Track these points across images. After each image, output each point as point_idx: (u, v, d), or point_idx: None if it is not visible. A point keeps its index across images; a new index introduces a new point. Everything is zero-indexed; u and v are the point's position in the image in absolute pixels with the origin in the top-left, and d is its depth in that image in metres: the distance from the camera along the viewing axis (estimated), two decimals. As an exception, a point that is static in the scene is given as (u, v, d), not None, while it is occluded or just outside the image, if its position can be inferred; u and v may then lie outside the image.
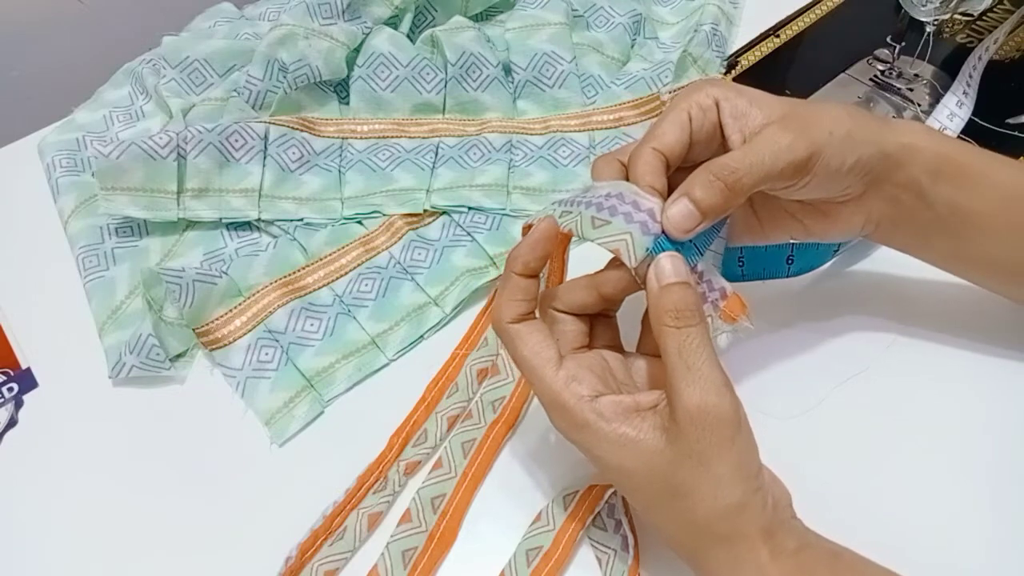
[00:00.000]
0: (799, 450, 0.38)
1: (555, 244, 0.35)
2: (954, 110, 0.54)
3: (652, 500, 0.32)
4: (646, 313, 0.34)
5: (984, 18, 0.62)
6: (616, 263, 0.34)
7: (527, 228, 0.36)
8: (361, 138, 0.54)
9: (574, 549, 0.37)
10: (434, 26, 0.58)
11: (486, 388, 0.42)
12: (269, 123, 0.52)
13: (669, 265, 0.32)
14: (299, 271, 0.48)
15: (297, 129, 0.53)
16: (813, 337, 0.44)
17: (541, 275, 0.35)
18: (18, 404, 0.45)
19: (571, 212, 0.34)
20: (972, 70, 0.56)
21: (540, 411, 0.34)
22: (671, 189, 0.34)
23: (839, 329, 0.44)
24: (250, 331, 0.45)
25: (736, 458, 0.30)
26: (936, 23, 0.52)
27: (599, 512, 0.37)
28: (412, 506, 0.39)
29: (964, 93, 0.55)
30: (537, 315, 0.35)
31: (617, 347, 0.37)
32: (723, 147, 0.35)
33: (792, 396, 0.42)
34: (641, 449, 0.31)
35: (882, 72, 0.58)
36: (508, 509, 0.39)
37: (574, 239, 0.36)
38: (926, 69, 0.58)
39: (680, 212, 0.32)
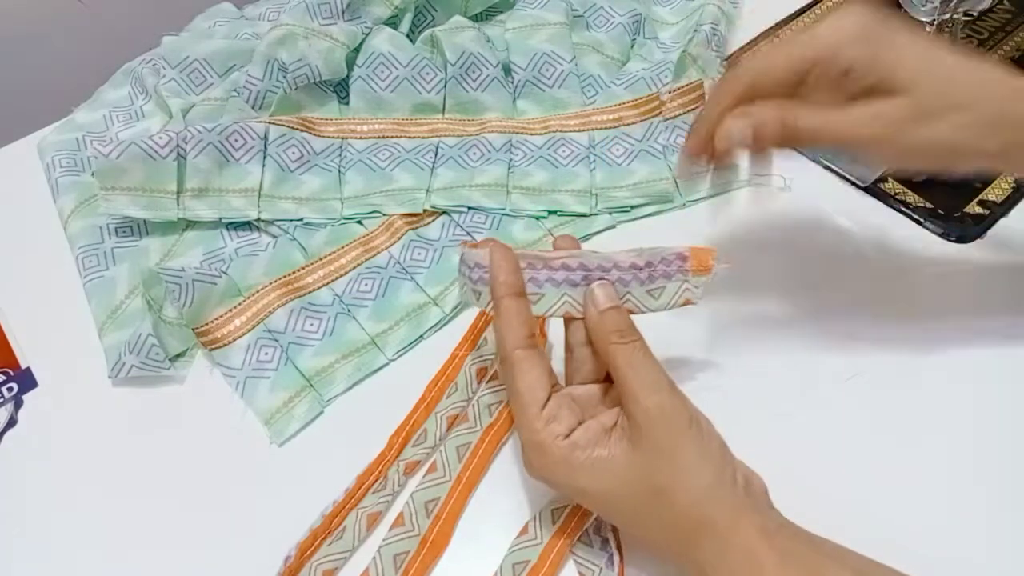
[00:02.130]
0: (798, 449, 0.38)
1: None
2: None
3: (635, 510, 0.33)
4: (568, 346, 0.37)
5: (984, 18, 0.62)
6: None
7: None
8: (361, 138, 0.54)
9: (561, 563, 0.37)
10: (434, 26, 0.58)
11: (483, 392, 0.42)
12: (269, 123, 0.52)
13: (602, 293, 0.35)
14: (299, 271, 0.48)
15: (297, 129, 0.53)
16: (812, 337, 0.44)
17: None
18: (18, 404, 0.45)
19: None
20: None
21: None
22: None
23: (838, 329, 0.44)
24: (250, 331, 0.45)
25: (697, 444, 0.32)
26: (936, 23, 0.52)
27: (587, 528, 0.37)
28: (405, 510, 0.39)
29: None
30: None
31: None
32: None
33: (791, 395, 0.42)
34: (616, 464, 0.32)
35: (882, 72, 0.57)
36: (502, 513, 0.39)
37: None
38: (926, 69, 0.58)
39: (738, 129, 0.35)
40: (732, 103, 0.36)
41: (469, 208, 0.51)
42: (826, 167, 0.53)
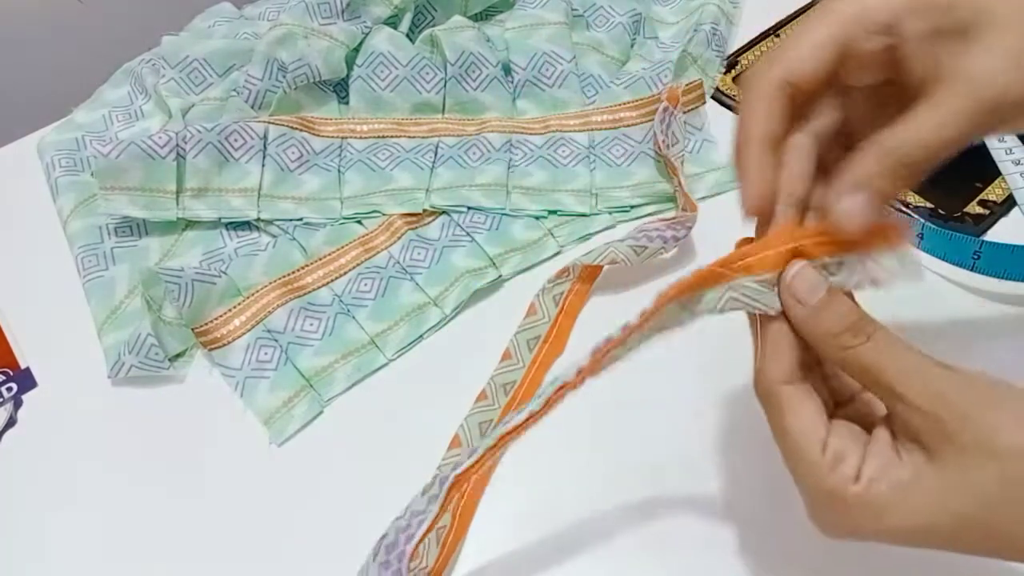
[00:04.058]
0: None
1: None
2: None
3: (974, 527, 0.25)
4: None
5: (984, 18, 0.62)
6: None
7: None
8: (360, 138, 0.54)
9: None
10: (433, 25, 0.58)
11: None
12: (268, 123, 0.52)
13: (802, 282, 0.27)
14: (298, 271, 0.48)
15: (296, 129, 0.53)
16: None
17: None
18: (17, 404, 0.45)
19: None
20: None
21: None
22: None
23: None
24: (249, 331, 0.45)
25: (1003, 411, 0.25)
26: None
27: None
28: (488, 388, 0.42)
29: None
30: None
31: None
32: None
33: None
34: (924, 482, 0.25)
35: (882, 72, 0.57)
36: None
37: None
38: (926, 69, 0.57)
39: (859, 207, 0.26)
40: (775, 127, 0.28)
41: (469, 208, 0.51)
42: (826, 167, 0.53)
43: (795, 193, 0.28)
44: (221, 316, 0.46)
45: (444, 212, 0.51)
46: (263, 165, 0.51)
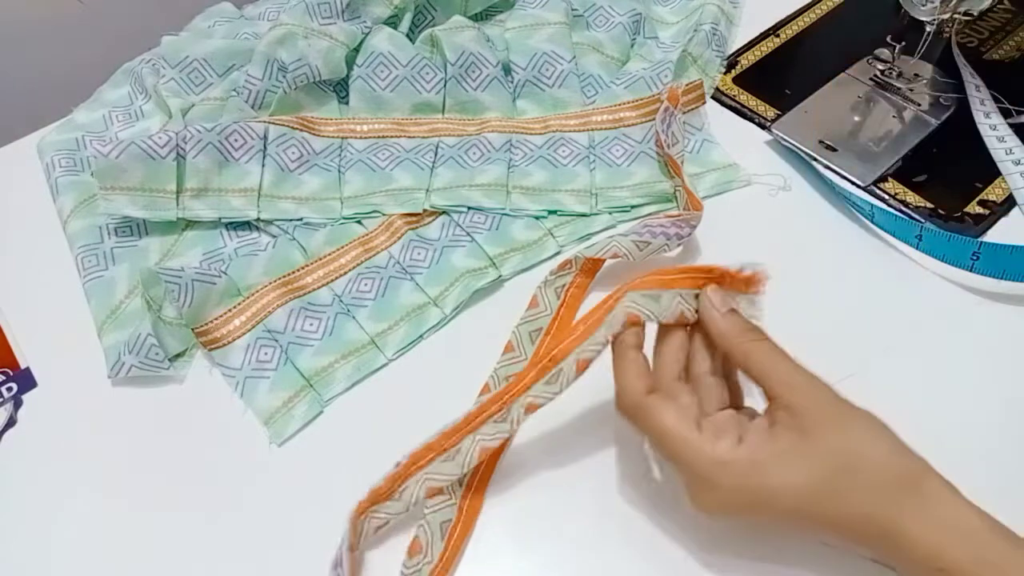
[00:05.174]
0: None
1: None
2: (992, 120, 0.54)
3: (829, 495, 0.32)
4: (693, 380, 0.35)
5: (984, 18, 0.62)
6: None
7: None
8: (361, 138, 0.54)
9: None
10: (434, 25, 0.58)
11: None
12: (268, 123, 0.52)
13: (717, 297, 0.35)
14: (298, 271, 0.48)
15: (297, 129, 0.53)
16: (806, 336, 0.44)
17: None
18: (17, 404, 0.45)
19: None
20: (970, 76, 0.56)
21: None
22: None
23: (834, 329, 0.44)
24: (249, 331, 0.45)
25: (859, 414, 0.33)
26: (936, 23, 0.52)
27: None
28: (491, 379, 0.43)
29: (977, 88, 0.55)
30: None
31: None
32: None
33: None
34: (797, 453, 0.32)
35: (882, 72, 0.58)
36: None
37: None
38: (926, 69, 0.58)
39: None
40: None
41: (469, 208, 0.51)
42: (826, 167, 0.53)
43: None
44: (221, 316, 0.46)
45: (444, 212, 0.51)
46: (263, 165, 0.51)
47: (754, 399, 0.36)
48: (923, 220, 0.49)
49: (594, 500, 0.40)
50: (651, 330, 0.36)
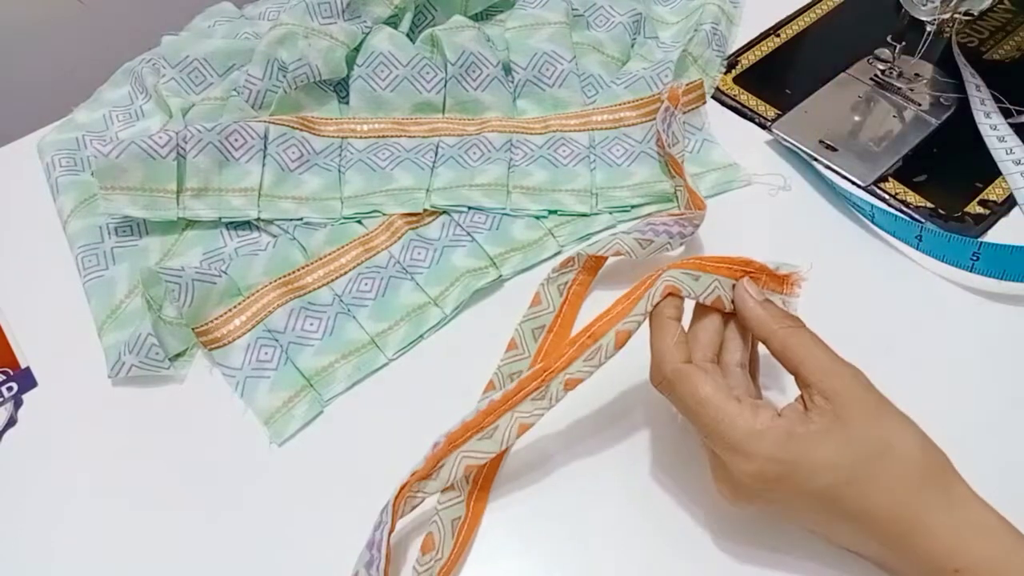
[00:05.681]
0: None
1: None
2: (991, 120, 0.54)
3: (861, 477, 0.32)
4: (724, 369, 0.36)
5: (984, 18, 0.62)
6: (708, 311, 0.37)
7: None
8: (361, 137, 0.54)
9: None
10: (434, 25, 0.58)
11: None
12: (269, 122, 0.52)
13: (753, 287, 0.36)
14: (298, 270, 0.48)
15: (297, 128, 0.53)
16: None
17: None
18: (17, 404, 0.45)
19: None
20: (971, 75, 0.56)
21: None
22: None
23: (833, 329, 0.44)
24: (249, 330, 0.45)
25: (892, 405, 0.33)
26: (936, 22, 0.52)
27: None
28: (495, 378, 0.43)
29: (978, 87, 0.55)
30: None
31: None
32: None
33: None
34: (833, 436, 0.32)
35: (882, 71, 0.58)
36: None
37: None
38: (927, 69, 0.58)
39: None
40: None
41: (469, 208, 0.51)
42: (826, 167, 0.53)
43: None
44: (221, 316, 0.46)
45: (444, 212, 0.51)
46: (263, 165, 0.51)
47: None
48: (923, 220, 0.49)
49: (594, 500, 0.40)
50: (687, 313, 0.37)
